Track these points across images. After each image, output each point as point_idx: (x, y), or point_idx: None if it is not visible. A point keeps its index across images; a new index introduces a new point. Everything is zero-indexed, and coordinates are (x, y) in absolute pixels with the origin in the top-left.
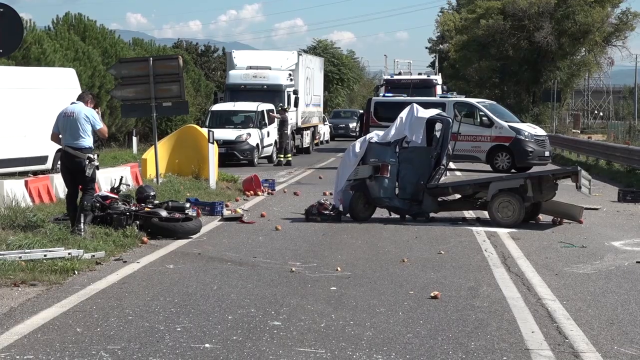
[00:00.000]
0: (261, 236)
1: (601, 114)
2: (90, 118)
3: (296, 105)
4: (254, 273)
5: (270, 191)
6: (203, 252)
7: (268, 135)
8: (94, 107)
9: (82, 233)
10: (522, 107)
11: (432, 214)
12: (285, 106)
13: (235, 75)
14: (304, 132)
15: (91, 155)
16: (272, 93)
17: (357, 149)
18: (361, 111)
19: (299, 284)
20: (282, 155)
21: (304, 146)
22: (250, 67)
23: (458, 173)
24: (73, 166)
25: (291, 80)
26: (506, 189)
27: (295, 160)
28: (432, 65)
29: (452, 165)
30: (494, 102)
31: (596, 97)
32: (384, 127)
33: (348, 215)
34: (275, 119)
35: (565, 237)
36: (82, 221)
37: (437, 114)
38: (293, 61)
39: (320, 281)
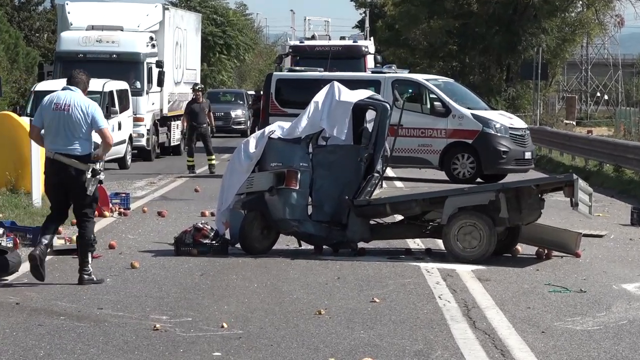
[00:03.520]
0: (110, 277)
1: (606, 97)
2: (90, 113)
3: (160, 83)
4: (99, 332)
5: (122, 210)
6: (23, 301)
7: (119, 128)
8: None
9: (94, 277)
10: (491, 87)
11: (361, 244)
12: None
13: (71, 40)
14: (172, 123)
15: (96, 167)
16: (125, 65)
17: (252, 149)
18: (253, 92)
19: (166, 347)
20: (191, 159)
21: (172, 144)
22: (93, 27)
23: (399, 184)
24: (68, 181)
25: (153, 46)
26: (470, 207)
27: (159, 165)
28: (361, 25)
29: (390, 172)
30: (450, 80)
31: (599, 72)
32: (291, 117)
33: (238, 245)
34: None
35: (556, 278)
36: (90, 261)
37: (368, 98)
38: (156, 19)
39: (198, 343)
